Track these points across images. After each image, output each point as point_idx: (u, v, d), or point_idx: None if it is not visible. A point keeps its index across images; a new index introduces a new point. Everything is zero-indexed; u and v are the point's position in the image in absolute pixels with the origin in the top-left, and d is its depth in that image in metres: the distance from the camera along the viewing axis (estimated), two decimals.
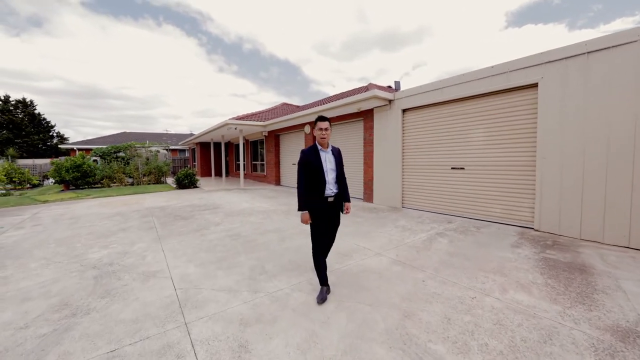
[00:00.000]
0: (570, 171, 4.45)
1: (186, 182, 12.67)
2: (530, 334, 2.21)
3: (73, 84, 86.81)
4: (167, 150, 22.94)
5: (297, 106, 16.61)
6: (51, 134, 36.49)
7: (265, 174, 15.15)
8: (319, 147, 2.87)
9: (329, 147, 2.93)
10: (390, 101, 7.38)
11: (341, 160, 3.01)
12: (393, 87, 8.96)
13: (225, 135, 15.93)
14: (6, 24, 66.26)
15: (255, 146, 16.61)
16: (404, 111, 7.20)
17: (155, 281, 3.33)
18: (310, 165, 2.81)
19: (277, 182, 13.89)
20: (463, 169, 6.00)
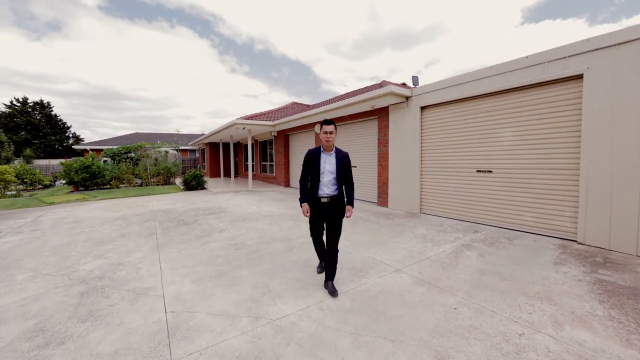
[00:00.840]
0: (624, 176, 3.82)
1: (194, 184, 12.41)
2: None
3: (90, 86, 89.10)
4: (176, 150, 22.91)
5: (307, 105, 16.17)
6: (67, 134, 37.30)
7: (274, 175, 14.78)
8: (322, 150, 3.06)
9: (333, 150, 3.06)
10: (407, 98, 6.84)
11: (347, 165, 3.10)
12: (407, 84, 8.39)
13: (233, 135, 15.66)
14: (27, 28, 68.64)
15: (265, 146, 16.27)
16: (422, 109, 6.64)
17: (146, 301, 2.94)
18: (309, 165, 3.06)
19: (287, 183, 13.49)
20: (490, 171, 5.41)
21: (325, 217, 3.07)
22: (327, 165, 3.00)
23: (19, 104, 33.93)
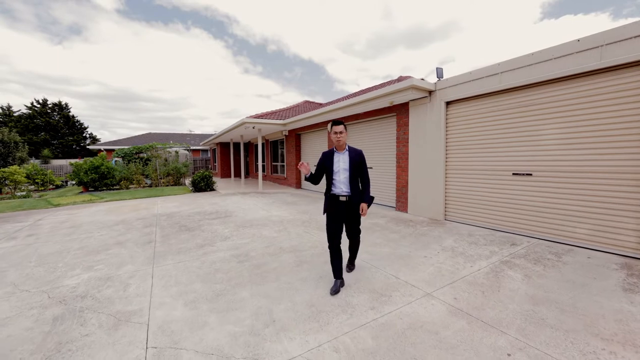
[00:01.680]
0: None
1: (202, 185, 12.05)
2: None
3: (109, 87, 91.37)
4: (188, 150, 22.79)
5: (320, 104, 15.61)
6: (84, 135, 38.10)
7: (285, 176, 14.29)
8: (335, 150, 3.14)
9: (346, 149, 3.11)
10: (430, 92, 6.19)
11: (361, 162, 3.10)
12: (426, 80, 7.71)
13: (244, 135, 15.28)
14: (50, 33, 71.08)
15: (275, 146, 15.82)
16: (447, 104, 5.97)
17: (126, 330, 2.45)
18: (324, 165, 3.15)
19: (298, 185, 12.97)
20: (530, 175, 4.70)
21: (343, 217, 3.09)
22: (341, 163, 3.05)
23: (39, 105, 34.87)
